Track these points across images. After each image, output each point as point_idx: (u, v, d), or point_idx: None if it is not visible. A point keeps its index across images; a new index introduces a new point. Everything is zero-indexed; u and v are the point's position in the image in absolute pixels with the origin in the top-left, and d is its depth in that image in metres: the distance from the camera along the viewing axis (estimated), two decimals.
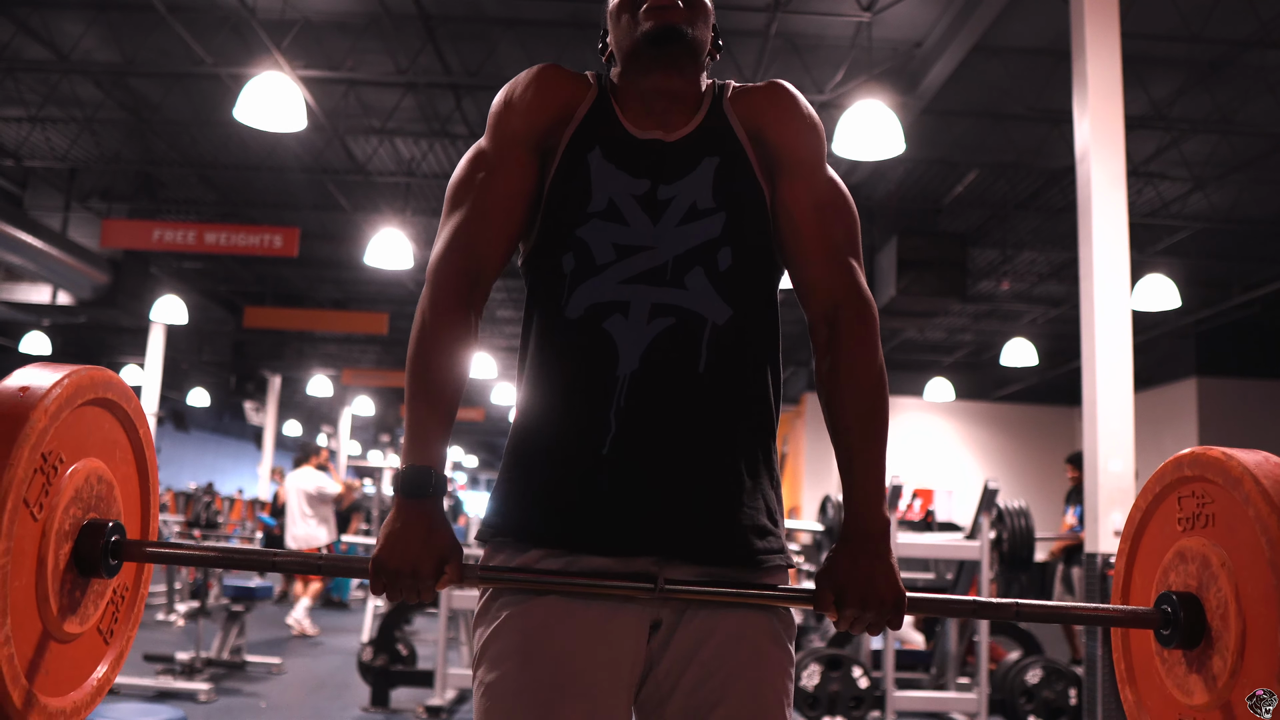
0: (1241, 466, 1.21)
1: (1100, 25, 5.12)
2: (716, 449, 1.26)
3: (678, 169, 1.32)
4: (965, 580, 5.71)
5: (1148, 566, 1.38)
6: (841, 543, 1.27)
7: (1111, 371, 4.89)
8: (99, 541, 1.24)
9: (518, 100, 1.35)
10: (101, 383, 1.27)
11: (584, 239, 1.28)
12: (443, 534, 1.21)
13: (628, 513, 1.23)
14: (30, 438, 1.12)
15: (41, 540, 1.17)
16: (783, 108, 1.36)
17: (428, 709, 5.28)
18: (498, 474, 1.34)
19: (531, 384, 1.31)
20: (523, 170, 1.33)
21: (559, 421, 1.27)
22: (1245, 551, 1.20)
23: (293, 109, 6.24)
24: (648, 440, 1.24)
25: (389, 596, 1.21)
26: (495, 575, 1.23)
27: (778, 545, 1.30)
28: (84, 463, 1.24)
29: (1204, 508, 1.28)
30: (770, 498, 1.31)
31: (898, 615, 1.23)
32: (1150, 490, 1.39)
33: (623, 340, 1.25)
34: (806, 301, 1.36)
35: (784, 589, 1.26)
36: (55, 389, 1.17)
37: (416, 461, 1.23)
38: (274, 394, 18.41)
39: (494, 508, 1.31)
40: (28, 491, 1.13)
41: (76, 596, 1.24)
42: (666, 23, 1.31)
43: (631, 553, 1.23)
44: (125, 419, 1.35)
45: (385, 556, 1.19)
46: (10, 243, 9.30)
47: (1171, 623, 1.26)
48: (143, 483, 1.40)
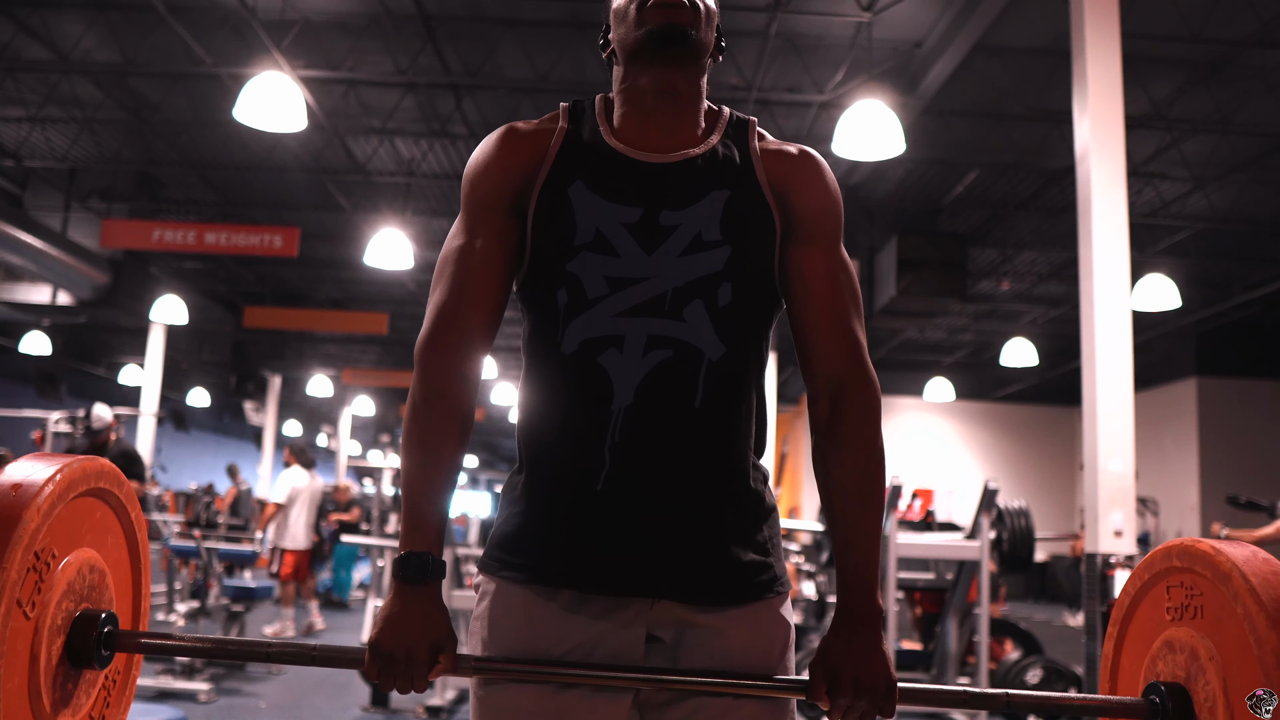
0: (1230, 562, 1.21)
1: (1100, 25, 5.12)
2: (710, 485, 1.26)
3: (683, 196, 1.29)
4: (965, 580, 5.71)
5: (1136, 653, 1.39)
6: (834, 630, 1.27)
7: (1111, 371, 4.89)
8: (92, 633, 1.23)
9: (481, 168, 1.35)
10: (94, 473, 1.26)
11: (575, 273, 1.26)
12: (439, 621, 1.22)
13: (622, 551, 1.23)
14: (23, 539, 1.11)
15: (34, 638, 1.16)
16: (812, 176, 1.35)
17: (427, 709, 5.28)
18: (501, 499, 1.35)
19: (528, 419, 1.31)
20: (500, 236, 1.31)
21: (555, 458, 1.27)
22: (1233, 647, 1.21)
23: (293, 109, 6.24)
24: (642, 476, 1.24)
25: (383, 683, 1.21)
26: (488, 667, 1.24)
27: (770, 576, 1.30)
28: (76, 554, 1.23)
29: (1192, 599, 1.29)
30: (764, 525, 1.31)
31: (890, 704, 1.23)
32: (1139, 577, 1.39)
33: (617, 375, 1.24)
34: (810, 371, 1.35)
35: (775, 680, 1.26)
36: (48, 486, 1.16)
37: (415, 547, 1.23)
38: (274, 394, 18.42)
39: (496, 539, 1.32)
40: (20, 592, 1.12)
41: (69, 689, 1.23)
42: (672, 22, 1.29)
43: (626, 592, 1.23)
44: (118, 505, 1.34)
45: (381, 641, 1.20)
46: (10, 243, 9.30)
47: (1160, 713, 1.26)
48: (134, 567, 1.39)
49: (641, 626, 1.24)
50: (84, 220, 11.02)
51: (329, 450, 27.93)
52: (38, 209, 10.65)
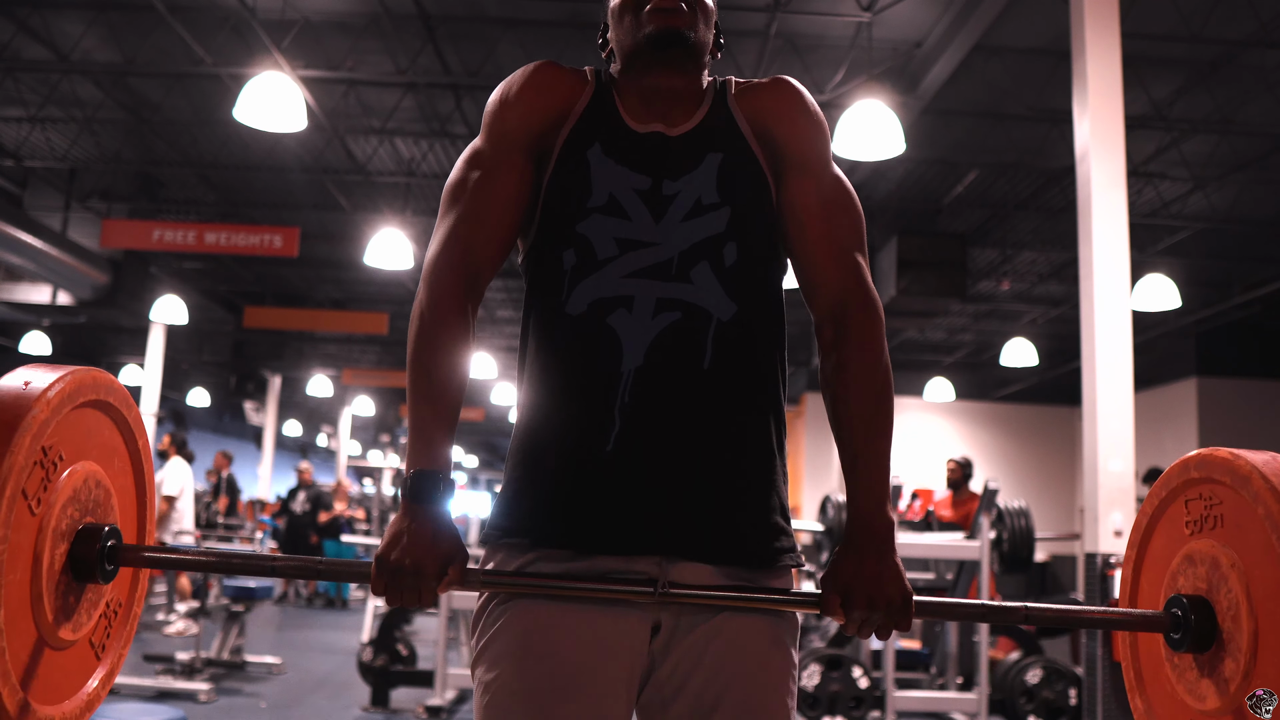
0: (1250, 465, 1.20)
1: (1100, 25, 5.12)
2: (722, 446, 1.25)
3: (681, 165, 1.30)
4: (965, 580, 5.71)
5: (1155, 572, 1.37)
6: (845, 544, 1.25)
7: (1111, 371, 4.89)
8: (95, 545, 1.22)
9: (513, 100, 1.34)
10: (104, 385, 1.26)
11: (585, 234, 1.27)
12: (449, 536, 1.20)
13: (631, 511, 1.22)
14: (31, 427, 1.11)
15: (38, 536, 1.15)
16: (789, 104, 1.35)
17: (428, 709, 5.28)
18: (503, 475, 1.33)
19: (533, 382, 1.29)
20: (519, 171, 1.32)
21: (562, 419, 1.26)
22: (1256, 551, 1.19)
23: (293, 109, 6.24)
24: (652, 436, 1.23)
25: (388, 597, 1.18)
26: (497, 580, 1.22)
27: (786, 545, 1.28)
28: (83, 465, 1.23)
29: (1212, 509, 1.27)
30: (780, 494, 1.30)
31: (906, 616, 1.21)
32: (1156, 495, 1.37)
33: (627, 335, 1.24)
34: (812, 300, 1.35)
35: (788, 593, 1.24)
36: (58, 384, 1.17)
37: (422, 465, 1.22)
38: (274, 394, 18.41)
39: (498, 509, 1.30)
40: (27, 482, 1.12)
41: (70, 602, 1.22)
42: (670, 26, 1.30)
43: (635, 551, 1.22)
44: (125, 426, 1.34)
45: (388, 554, 1.18)
46: (10, 243, 9.30)
47: (1182, 626, 1.24)
48: (139, 493, 1.38)
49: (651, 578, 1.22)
50: (84, 220, 11.02)
51: (329, 450, 27.92)
52: (38, 209, 10.64)
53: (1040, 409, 15.82)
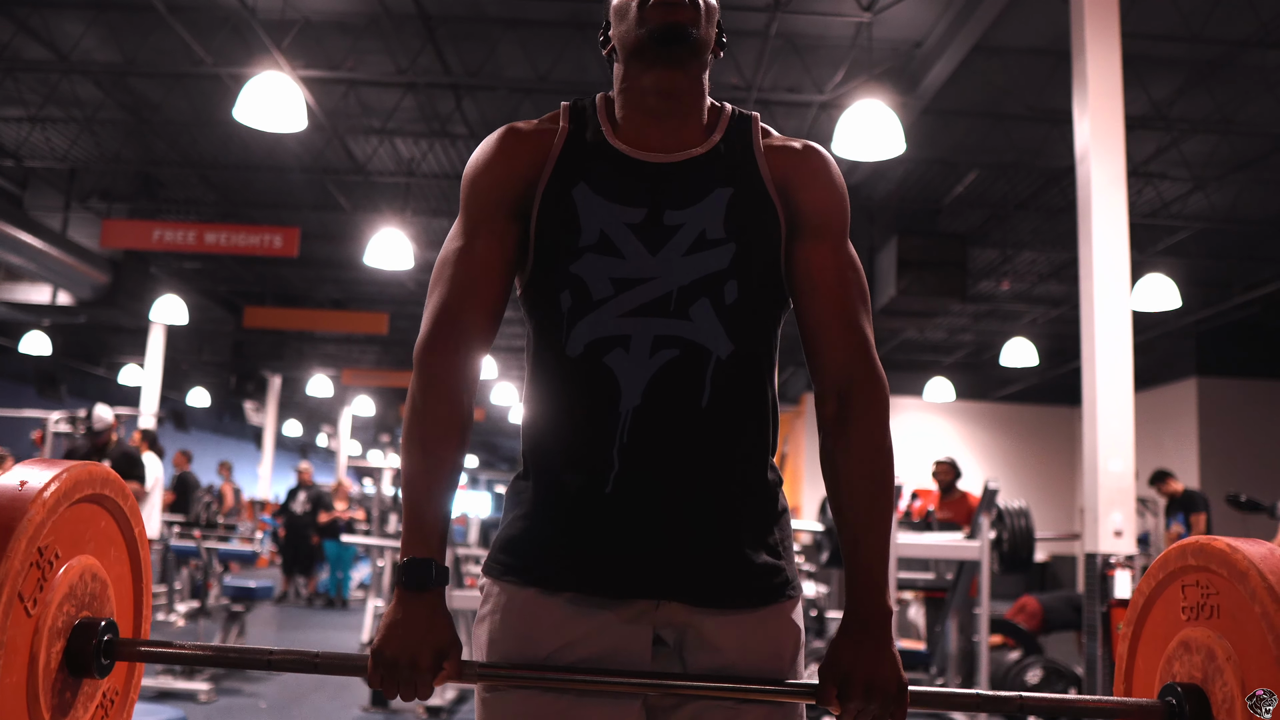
0: (1247, 560, 1.19)
1: (1100, 25, 5.12)
2: (719, 486, 1.25)
3: (686, 195, 1.28)
4: (965, 580, 5.71)
5: (1151, 653, 1.37)
6: (842, 632, 1.25)
7: (1111, 371, 4.89)
8: (92, 640, 1.22)
9: (482, 170, 1.33)
10: (99, 479, 1.26)
11: (579, 275, 1.25)
12: (443, 627, 1.21)
13: (632, 553, 1.22)
14: (27, 530, 1.11)
15: (34, 637, 1.15)
16: (818, 171, 1.34)
17: (428, 709, 5.28)
18: (505, 504, 1.33)
19: (534, 422, 1.30)
20: (499, 235, 1.30)
21: (562, 461, 1.26)
22: (1251, 647, 1.18)
23: (293, 109, 6.24)
24: (651, 478, 1.22)
25: (386, 690, 1.19)
26: (494, 673, 1.23)
27: (782, 580, 1.28)
28: (78, 559, 1.23)
29: (1209, 599, 1.26)
30: (774, 527, 1.30)
31: (901, 706, 1.21)
32: (1154, 575, 1.37)
33: (624, 375, 1.23)
34: (818, 370, 1.33)
35: (784, 685, 1.24)
36: (53, 483, 1.16)
37: (417, 553, 1.22)
38: (274, 394, 18.42)
39: (500, 544, 1.30)
40: (23, 585, 1.11)
41: (67, 698, 1.21)
42: (673, 21, 1.28)
43: (635, 595, 1.22)
44: (120, 516, 1.33)
45: (384, 647, 1.19)
46: (10, 243, 9.30)
47: (1177, 715, 1.25)
48: (136, 582, 1.38)
49: (648, 627, 1.23)
50: (84, 220, 11.02)
51: (329, 450, 27.94)
52: (38, 209, 10.64)
53: (1040, 409, 15.83)
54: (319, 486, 11.88)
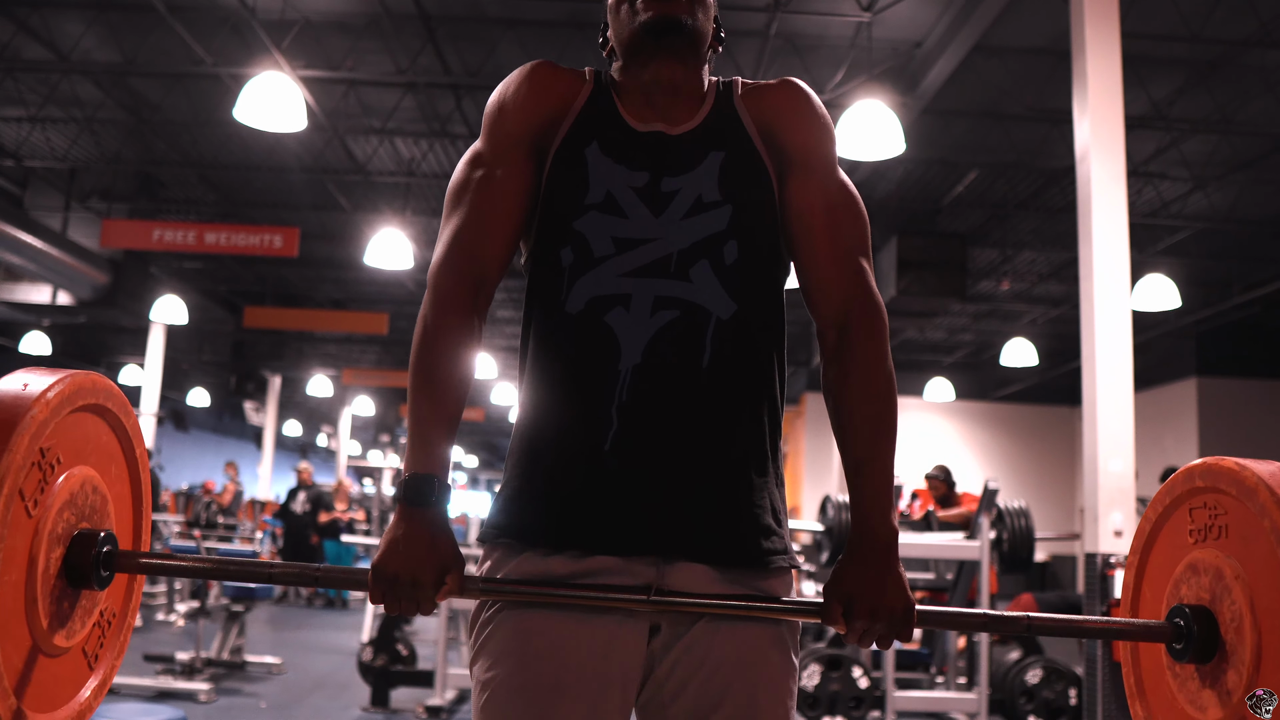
0: (1256, 477, 1.19)
1: (1100, 25, 5.12)
2: (719, 446, 1.24)
3: (682, 162, 1.30)
4: (965, 580, 5.70)
5: (1158, 579, 1.35)
6: (848, 553, 1.24)
7: (1111, 371, 4.89)
8: (91, 550, 1.20)
9: (511, 100, 1.34)
10: (103, 389, 1.25)
11: (581, 231, 1.26)
12: (445, 543, 1.19)
13: (629, 511, 1.21)
14: (30, 427, 1.10)
15: (34, 539, 1.13)
16: (796, 106, 1.35)
17: (428, 709, 5.28)
18: (503, 474, 1.33)
19: (532, 381, 1.29)
20: (520, 170, 1.31)
21: (560, 418, 1.25)
22: (1260, 563, 1.18)
23: (293, 109, 6.24)
24: (650, 436, 1.22)
25: (387, 606, 1.18)
26: (495, 588, 1.21)
27: (782, 545, 1.28)
28: (80, 469, 1.22)
29: (1216, 519, 1.25)
30: (775, 496, 1.29)
31: (908, 626, 1.21)
32: (1160, 501, 1.36)
33: (624, 333, 1.23)
34: (815, 304, 1.33)
35: (788, 601, 1.24)
36: (56, 385, 1.16)
37: (419, 469, 1.21)
38: (274, 394, 18.42)
39: (496, 507, 1.29)
40: (24, 483, 1.10)
41: (65, 608, 1.20)
42: (667, 13, 1.29)
43: (632, 552, 1.21)
44: (122, 432, 1.32)
45: (385, 563, 1.17)
46: (10, 243, 9.30)
47: (1185, 636, 1.23)
48: (136, 501, 1.37)
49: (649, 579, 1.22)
50: (84, 220, 11.02)
51: (329, 450, 27.93)
52: (38, 209, 10.64)
53: (1040, 409, 15.83)
54: (319, 486, 11.87)
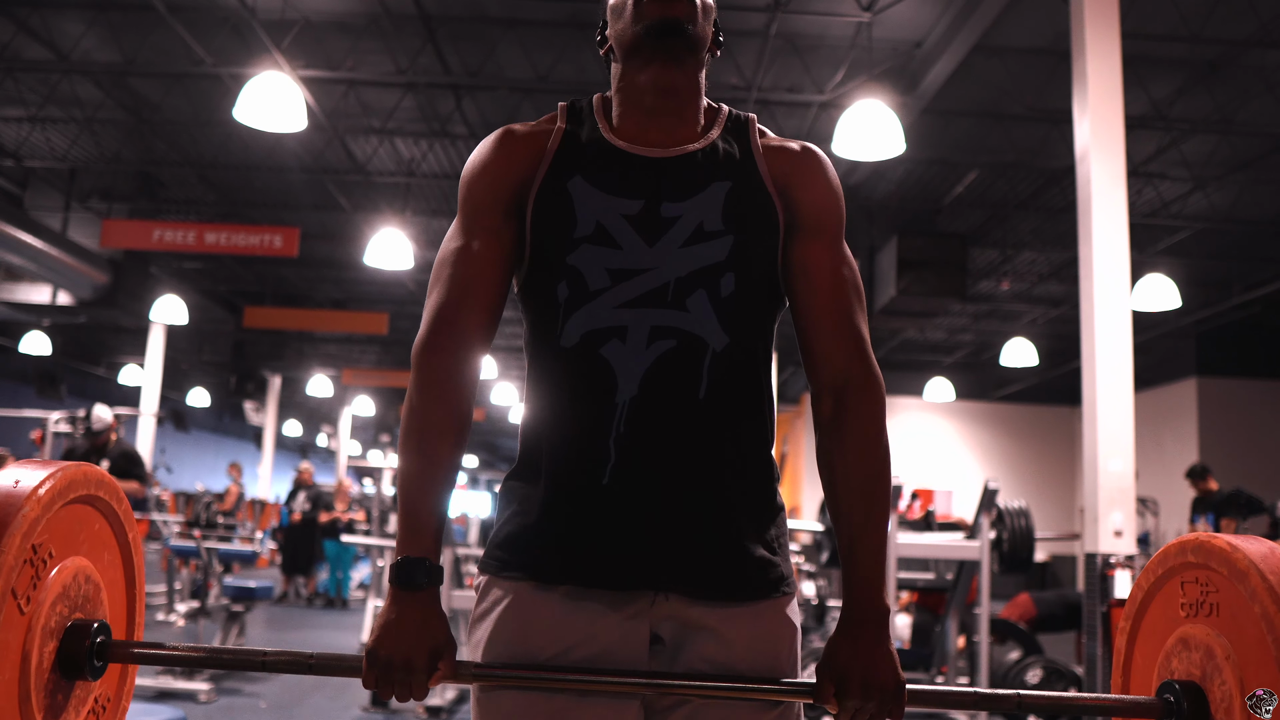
0: (1248, 560, 1.18)
1: (1100, 25, 5.12)
2: (717, 477, 1.24)
3: (683, 187, 1.28)
4: (965, 580, 5.71)
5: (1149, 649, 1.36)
6: (840, 631, 1.25)
7: (1111, 371, 4.89)
8: (85, 642, 1.21)
9: (479, 172, 1.33)
10: (94, 479, 1.26)
11: (576, 266, 1.25)
12: (437, 628, 1.20)
13: (628, 545, 1.22)
14: (22, 526, 1.11)
15: (27, 635, 1.14)
16: (815, 170, 1.34)
17: (428, 709, 5.28)
18: (499, 502, 1.33)
19: (531, 414, 1.29)
20: (496, 234, 1.30)
21: (559, 452, 1.25)
22: (1251, 647, 1.17)
23: (293, 109, 6.24)
24: (648, 469, 1.22)
25: (381, 691, 1.19)
26: (488, 674, 1.23)
27: (778, 575, 1.28)
28: (72, 560, 1.23)
29: (1208, 596, 1.26)
30: (771, 523, 1.30)
31: (899, 704, 1.21)
32: (1153, 571, 1.36)
33: (621, 366, 1.23)
34: (813, 370, 1.33)
35: (782, 684, 1.24)
36: (48, 481, 1.16)
37: (411, 552, 1.21)
38: (274, 394, 18.43)
39: (496, 539, 1.30)
40: (16, 581, 1.11)
41: (59, 700, 1.20)
42: (669, 15, 1.28)
43: (631, 586, 1.22)
44: (115, 520, 1.33)
45: (379, 648, 1.18)
46: (10, 243, 9.30)
47: (1175, 713, 1.24)
48: (129, 587, 1.38)
49: (645, 623, 1.22)
50: (84, 220, 11.03)
51: (329, 450, 27.94)
52: (38, 209, 10.65)
53: (1040, 409, 15.83)
54: (319, 486, 11.88)
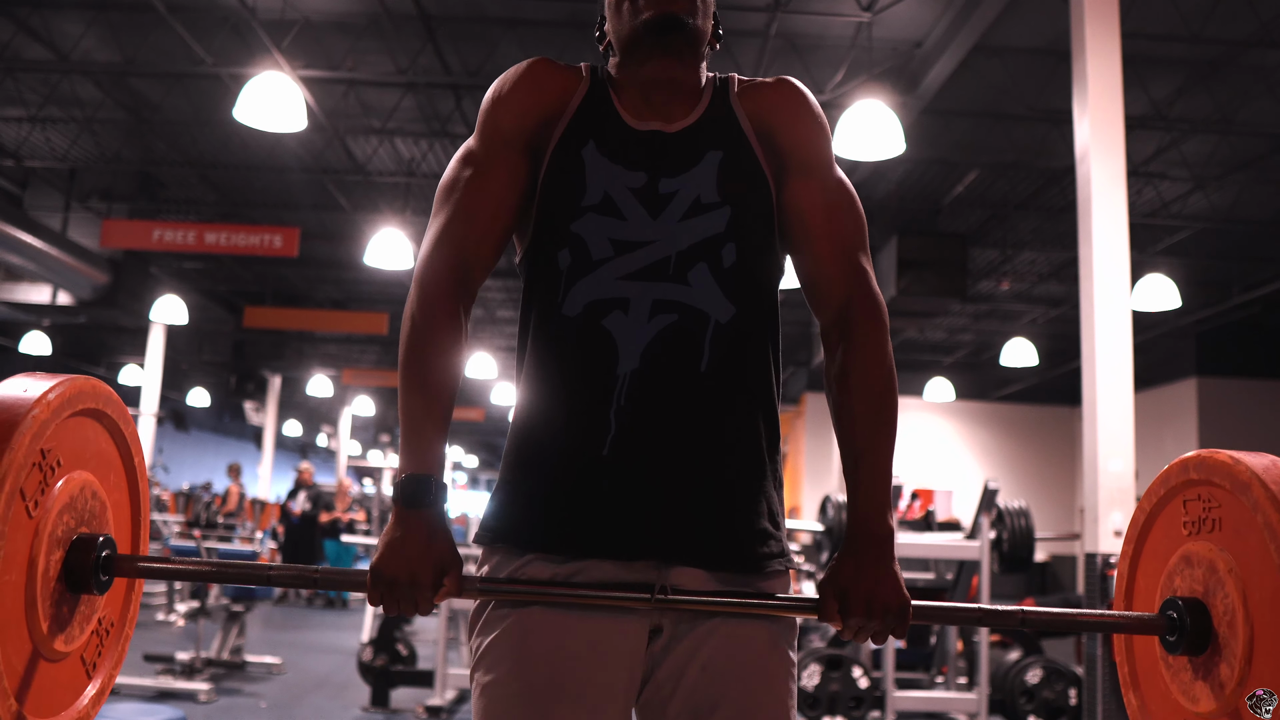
0: (1250, 471, 1.19)
1: (1100, 25, 5.12)
2: (718, 450, 1.24)
3: (680, 162, 1.29)
4: (965, 580, 5.71)
5: (1152, 570, 1.36)
6: (844, 549, 1.24)
7: (1111, 371, 4.89)
8: (91, 554, 1.21)
9: (506, 97, 1.32)
10: (102, 395, 1.26)
11: (579, 234, 1.25)
12: (443, 543, 1.19)
13: (628, 516, 1.21)
14: (32, 427, 1.11)
15: (34, 540, 1.13)
16: (792, 105, 1.34)
17: (428, 709, 5.28)
18: (497, 475, 1.32)
19: (529, 384, 1.28)
20: (512, 170, 1.31)
21: (557, 423, 1.24)
22: (1253, 558, 1.18)
23: (293, 109, 6.24)
24: (648, 441, 1.21)
25: (386, 607, 1.18)
26: (494, 588, 1.21)
27: (778, 549, 1.28)
28: (79, 473, 1.22)
29: (1210, 512, 1.26)
30: (772, 499, 1.29)
31: (903, 623, 1.21)
32: (1154, 493, 1.36)
33: (622, 338, 1.22)
34: (816, 303, 1.33)
35: (785, 598, 1.24)
36: (57, 388, 1.17)
37: (415, 469, 1.21)
38: (274, 394, 18.42)
39: (492, 511, 1.29)
40: (25, 483, 1.11)
41: (64, 613, 1.20)
42: (667, 11, 1.28)
43: (632, 556, 1.21)
44: (120, 439, 1.33)
45: (383, 565, 1.17)
46: (10, 243, 9.30)
47: (1178, 629, 1.24)
48: (134, 507, 1.37)
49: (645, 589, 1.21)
50: (84, 220, 11.02)
51: (329, 450, 27.93)
52: (38, 209, 10.64)
53: (1040, 409, 15.82)
54: (318, 486, 11.88)
